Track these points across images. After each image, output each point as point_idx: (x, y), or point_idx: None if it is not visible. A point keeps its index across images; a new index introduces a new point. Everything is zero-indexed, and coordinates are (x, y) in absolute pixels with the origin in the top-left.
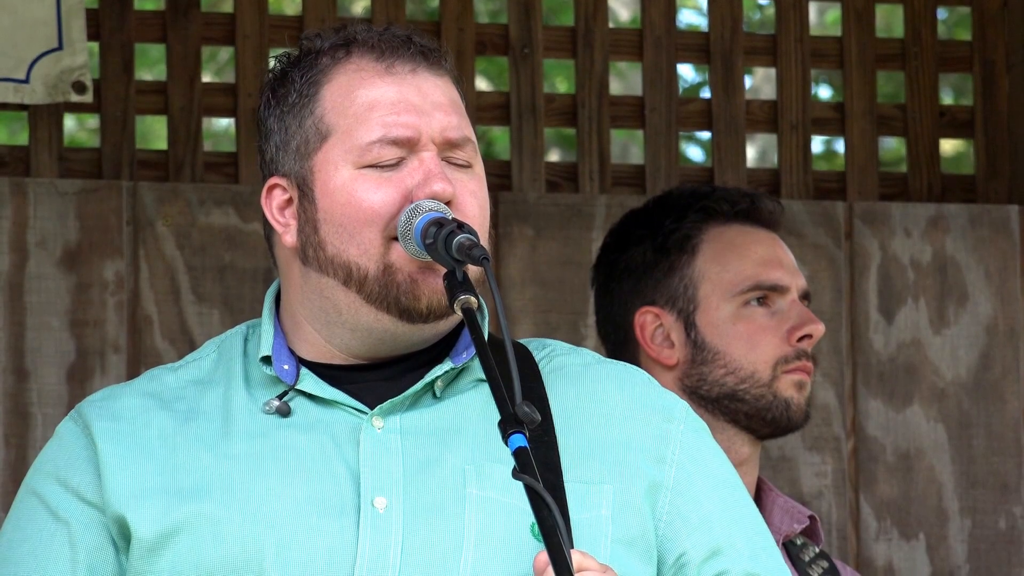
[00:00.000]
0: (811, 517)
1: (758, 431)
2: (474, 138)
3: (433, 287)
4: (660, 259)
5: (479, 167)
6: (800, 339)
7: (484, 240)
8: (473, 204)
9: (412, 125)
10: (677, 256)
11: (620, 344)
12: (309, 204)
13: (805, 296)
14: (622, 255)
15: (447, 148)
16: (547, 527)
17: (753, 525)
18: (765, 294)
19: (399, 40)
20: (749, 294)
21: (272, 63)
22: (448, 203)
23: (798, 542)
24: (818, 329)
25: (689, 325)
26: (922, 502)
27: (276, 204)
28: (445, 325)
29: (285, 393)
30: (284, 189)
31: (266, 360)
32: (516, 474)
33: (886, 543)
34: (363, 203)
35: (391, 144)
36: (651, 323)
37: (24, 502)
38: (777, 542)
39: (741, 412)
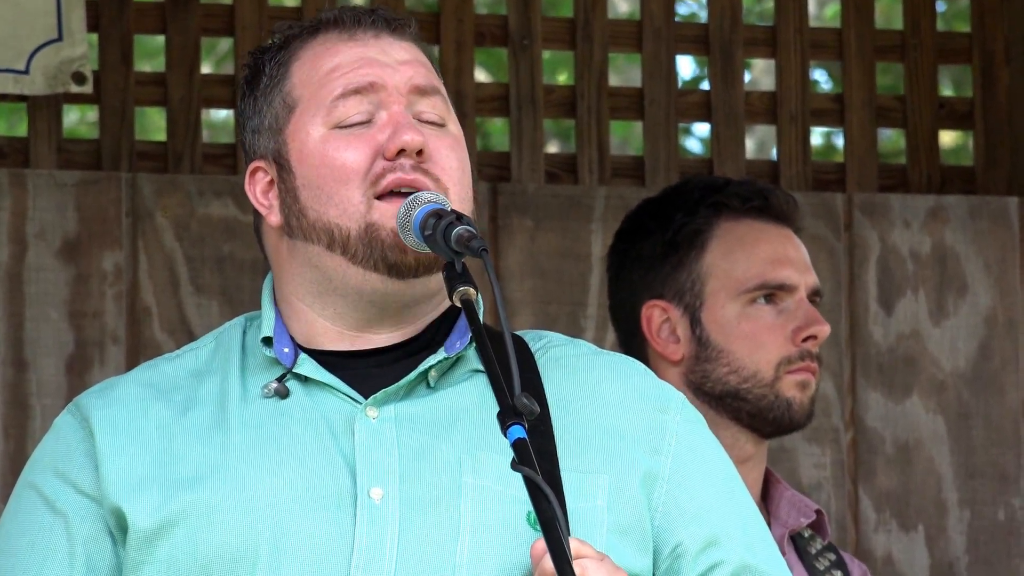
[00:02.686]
0: (818, 511)
1: (761, 430)
2: (445, 94)
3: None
4: (669, 253)
5: (454, 127)
6: (805, 339)
7: (468, 205)
8: (451, 158)
9: (375, 74)
10: (686, 251)
11: (628, 334)
12: (287, 175)
13: (816, 293)
14: (633, 245)
15: (416, 97)
16: (546, 518)
17: (749, 516)
18: (772, 292)
19: (363, 12)
20: (755, 292)
21: (247, 59)
22: (419, 153)
23: (805, 534)
24: (823, 330)
25: (695, 321)
26: (921, 493)
27: (259, 188)
28: (435, 284)
29: (283, 376)
30: (265, 171)
31: (267, 342)
32: (515, 465)
33: (885, 534)
34: (336, 162)
35: (355, 94)
36: (658, 317)
37: (22, 495)
38: (784, 535)
39: (743, 411)
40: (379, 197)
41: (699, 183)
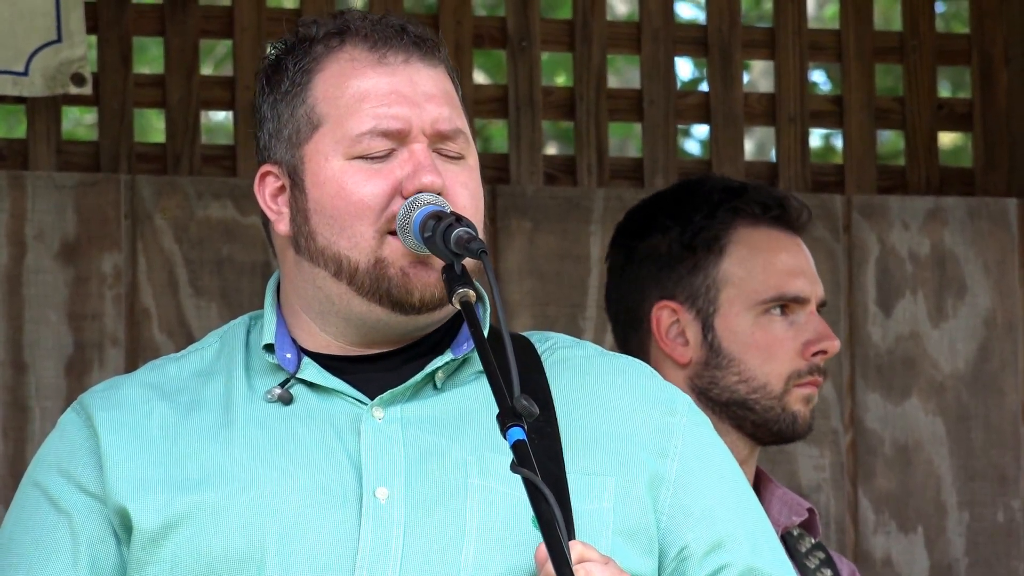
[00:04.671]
0: (810, 510)
1: (761, 439)
2: (467, 129)
3: (426, 281)
4: (686, 254)
5: (472, 159)
6: (815, 354)
7: (480, 232)
8: (464, 195)
9: (402, 117)
10: (704, 255)
11: (630, 329)
12: (300, 193)
13: (822, 304)
14: (644, 240)
15: (438, 140)
16: (546, 520)
17: (755, 518)
18: (786, 304)
19: (393, 29)
20: (771, 303)
21: (268, 50)
22: (438, 195)
23: (795, 533)
24: (834, 346)
25: (707, 327)
26: (920, 495)
27: (269, 192)
28: (439, 315)
29: (287, 381)
30: (276, 177)
31: (269, 348)
32: (514, 467)
33: (884, 536)
34: (353, 195)
35: (381, 136)
36: (668, 318)
37: (26, 493)
38: (776, 534)
39: (748, 420)
40: (391, 232)
41: (716, 184)
